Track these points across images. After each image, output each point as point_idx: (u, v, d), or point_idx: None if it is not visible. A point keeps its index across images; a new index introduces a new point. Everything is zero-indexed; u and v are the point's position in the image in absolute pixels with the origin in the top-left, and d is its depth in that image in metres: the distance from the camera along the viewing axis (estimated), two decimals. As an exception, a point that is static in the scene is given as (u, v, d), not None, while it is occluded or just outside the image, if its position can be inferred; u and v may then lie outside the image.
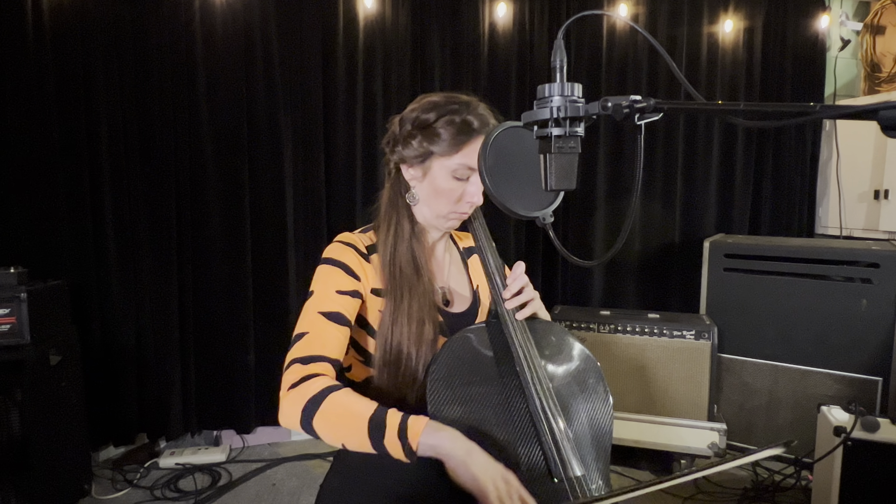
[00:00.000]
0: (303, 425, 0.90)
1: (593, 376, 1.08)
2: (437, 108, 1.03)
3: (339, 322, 0.99)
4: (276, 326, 2.90)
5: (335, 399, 0.89)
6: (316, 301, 1.00)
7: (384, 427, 0.86)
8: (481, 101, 1.08)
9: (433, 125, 1.02)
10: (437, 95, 1.06)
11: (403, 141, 1.05)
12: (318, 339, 0.97)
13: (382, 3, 2.91)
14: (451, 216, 1.07)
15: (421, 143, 1.03)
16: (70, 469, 2.36)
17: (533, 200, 0.96)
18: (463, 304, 1.14)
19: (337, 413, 0.88)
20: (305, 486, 2.60)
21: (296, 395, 0.91)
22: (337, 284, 1.02)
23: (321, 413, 0.88)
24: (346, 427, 0.88)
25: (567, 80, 0.70)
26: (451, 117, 1.02)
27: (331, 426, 0.89)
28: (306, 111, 2.86)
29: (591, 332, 2.67)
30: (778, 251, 2.76)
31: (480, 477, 0.83)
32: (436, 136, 1.02)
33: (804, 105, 0.59)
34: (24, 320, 2.12)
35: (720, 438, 2.51)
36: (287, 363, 0.96)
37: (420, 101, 1.06)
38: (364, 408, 0.88)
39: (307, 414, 0.89)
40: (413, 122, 1.04)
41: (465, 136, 1.01)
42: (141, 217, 2.69)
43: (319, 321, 0.98)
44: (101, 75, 2.56)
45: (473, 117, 1.03)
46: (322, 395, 0.89)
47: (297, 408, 0.90)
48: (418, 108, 1.05)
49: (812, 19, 3.34)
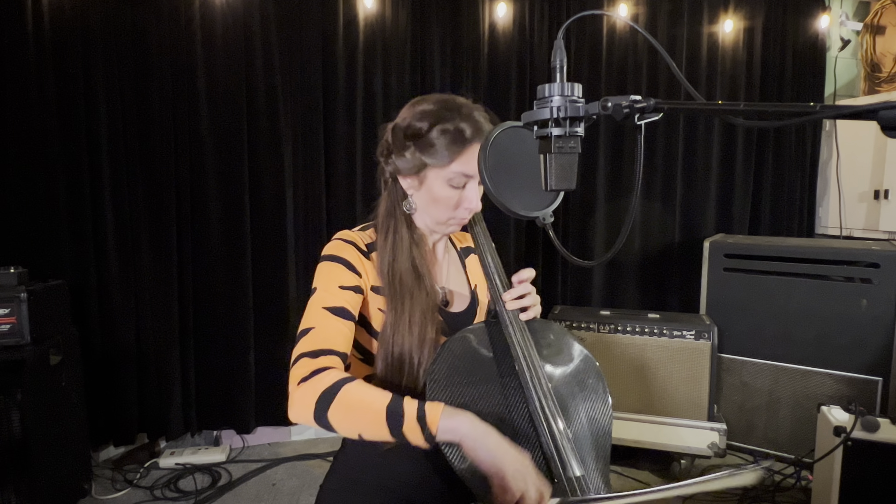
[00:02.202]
0: (316, 418, 0.89)
1: (593, 376, 1.08)
2: (429, 116, 1.01)
3: (343, 317, 0.99)
4: (276, 326, 2.90)
5: (350, 390, 0.89)
6: (319, 297, 1.00)
7: (402, 414, 0.86)
8: (476, 103, 1.06)
9: (427, 135, 1.00)
10: (430, 101, 1.04)
11: (397, 151, 1.03)
12: (325, 333, 0.96)
13: (382, 3, 2.91)
14: (450, 222, 1.07)
15: (414, 153, 1.01)
16: (70, 469, 2.36)
17: (533, 200, 0.96)
18: (462, 304, 1.14)
19: (353, 404, 0.89)
20: (305, 486, 2.60)
21: (308, 389, 0.90)
22: (339, 280, 1.01)
23: (336, 405, 0.88)
24: (363, 417, 0.88)
25: (567, 80, 0.70)
26: (444, 126, 0.99)
27: (347, 417, 0.89)
28: (306, 111, 2.86)
29: (591, 332, 2.67)
30: (778, 251, 2.76)
31: (498, 458, 0.84)
32: (429, 146, 1.00)
33: (804, 105, 0.59)
34: (24, 320, 2.12)
35: (720, 438, 2.51)
36: (294, 358, 0.94)
37: (412, 107, 1.04)
38: (380, 397, 0.89)
39: (321, 406, 0.89)
40: (405, 132, 1.02)
41: (459, 146, 1.00)
42: (141, 217, 2.69)
43: (325, 316, 0.98)
44: (101, 75, 2.56)
45: (467, 124, 1.00)
46: (336, 387, 0.89)
47: (309, 401, 0.89)
48: (410, 117, 1.03)
49: (812, 19, 3.34)
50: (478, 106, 1.06)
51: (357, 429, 0.89)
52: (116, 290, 2.66)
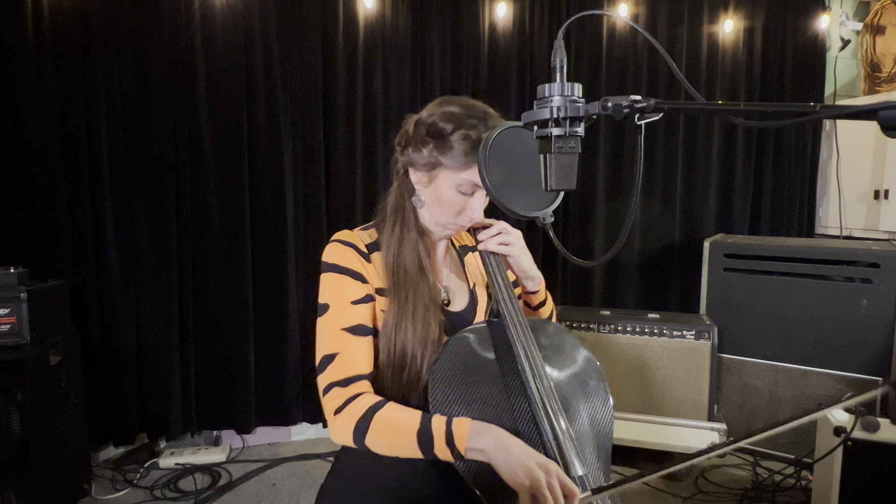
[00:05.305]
0: (357, 445, 0.94)
1: (594, 376, 1.08)
2: (455, 120, 1.00)
3: (363, 334, 1.00)
4: (276, 326, 2.90)
5: (382, 416, 0.93)
6: (334, 317, 1.00)
7: (432, 437, 0.89)
8: (498, 112, 1.05)
9: (448, 137, 1.00)
10: (457, 104, 1.03)
11: (415, 145, 1.03)
12: (350, 357, 0.98)
13: (382, 3, 2.91)
14: (448, 227, 1.07)
15: (432, 151, 1.01)
16: (70, 469, 2.36)
17: (533, 200, 0.96)
18: (461, 303, 1.14)
19: (386, 430, 0.92)
20: (305, 486, 2.60)
21: (343, 420, 0.95)
22: (350, 295, 1.01)
23: (371, 432, 0.93)
24: (397, 442, 0.92)
25: (567, 80, 0.70)
26: (468, 132, 0.99)
27: (383, 443, 0.93)
28: (306, 111, 2.86)
29: (591, 332, 2.67)
30: (778, 251, 2.76)
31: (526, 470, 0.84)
32: (448, 148, 1.00)
33: (804, 105, 0.59)
34: (24, 320, 2.12)
35: (720, 438, 2.51)
36: (324, 388, 0.98)
37: (440, 105, 1.03)
38: (410, 420, 0.92)
39: (358, 434, 0.93)
40: (428, 129, 1.02)
41: (476, 155, 0.99)
42: (141, 217, 2.68)
43: (345, 339, 0.99)
44: (101, 75, 2.56)
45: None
46: (369, 416, 0.93)
47: (347, 430, 0.94)
48: (437, 116, 1.02)
49: (812, 19, 3.34)
50: (498, 115, 1.05)
51: (394, 451, 0.93)
52: (116, 290, 2.66)
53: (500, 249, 1.10)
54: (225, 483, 2.60)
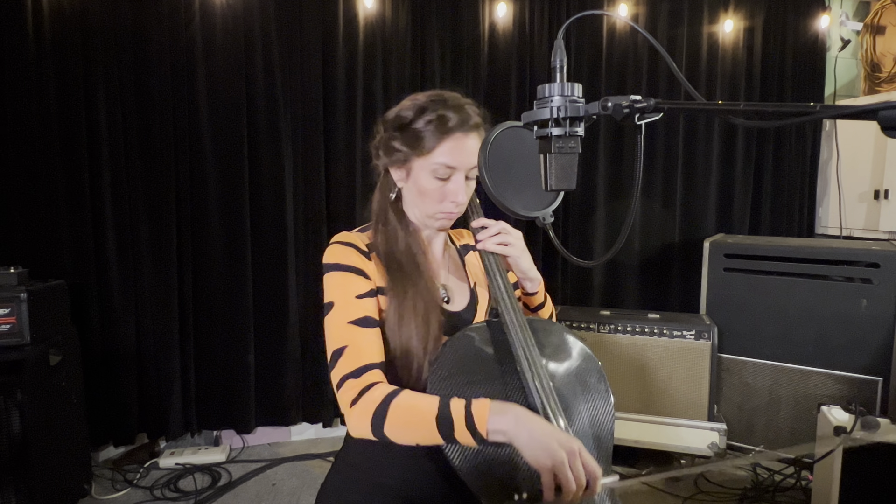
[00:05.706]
0: (376, 436, 0.93)
1: (594, 376, 1.08)
2: (415, 108, 1.02)
3: (370, 325, 1.00)
4: (276, 326, 2.90)
5: (398, 404, 0.91)
6: (341, 312, 1.00)
7: (452, 421, 0.88)
8: (468, 98, 1.06)
9: (411, 125, 1.02)
10: (421, 95, 1.06)
11: (385, 144, 1.05)
12: (359, 349, 0.97)
13: (382, 3, 2.91)
14: (438, 216, 1.07)
15: (402, 145, 1.03)
16: (70, 469, 2.36)
17: (533, 200, 0.96)
18: (461, 302, 1.14)
19: (404, 418, 0.91)
20: (305, 486, 2.60)
21: (360, 410, 0.93)
22: (355, 289, 1.01)
23: (389, 421, 0.91)
24: (416, 430, 0.90)
25: (567, 80, 0.70)
26: (429, 116, 1.01)
27: (402, 431, 0.91)
28: (306, 111, 2.86)
29: (591, 332, 2.67)
30: (778, 251, 2.76)
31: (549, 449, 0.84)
32: (415, 136, 1.01)
33: (804, 105, 0.59)
34: (24, 320, 2.12)
35: (720, 438, 2.51)
36: (338, 382, 0.96)
37: (404, 101, 1.06)
38: (428, 406, 0.90)
39: (376, 425, 0.91)
40: (394, 123, 1.04)
41: (441, 134, 1.00)
42: (141, 217, 2.68)
43: (353, 331, 0.98)
44: (101, 75, 2.56)
45: (452, 113, 1.01)
46: (385, 405, 0.91)
47: (365, 421, 0.92)
48: (400, 108, 1.05)
49: (812, 19, 3.34)
50: (469, 100, 1.06)
51: (414, 440, 0.91)
52: (116, 290, 2.66)
53: (500, 250, 1.09)
54: (225, 483, 2.60)
